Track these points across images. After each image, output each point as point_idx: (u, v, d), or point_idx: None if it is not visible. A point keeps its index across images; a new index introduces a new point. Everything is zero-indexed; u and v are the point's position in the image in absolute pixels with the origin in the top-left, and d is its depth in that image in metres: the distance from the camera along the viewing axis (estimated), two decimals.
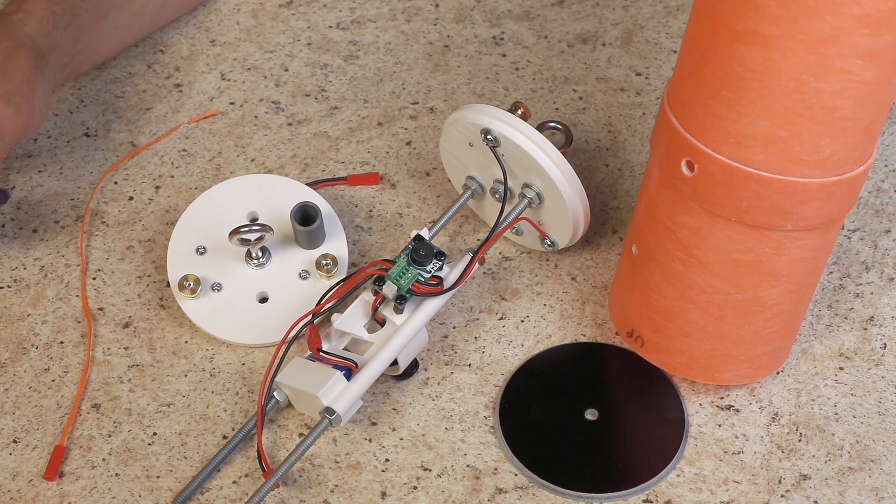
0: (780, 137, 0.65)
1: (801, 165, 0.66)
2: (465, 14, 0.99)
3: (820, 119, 0.64)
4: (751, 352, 0.75)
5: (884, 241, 0.86)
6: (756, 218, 0.68)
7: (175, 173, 0.90)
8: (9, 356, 0.81)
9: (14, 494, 0.76)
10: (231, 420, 0.78)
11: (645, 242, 0.74)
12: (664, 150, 0.70)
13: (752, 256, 0.70)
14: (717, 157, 0.67)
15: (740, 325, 0.73)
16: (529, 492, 0.75)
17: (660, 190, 0.72)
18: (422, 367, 0.80)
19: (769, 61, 0.63)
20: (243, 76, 0.96)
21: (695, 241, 0.71)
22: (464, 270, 0.77)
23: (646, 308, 0.76)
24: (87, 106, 0.94)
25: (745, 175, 0.66)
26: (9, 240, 0.87)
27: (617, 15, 0.99)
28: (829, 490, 0.75)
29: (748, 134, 0.65)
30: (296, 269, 0.83)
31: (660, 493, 0.75)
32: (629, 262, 0.76)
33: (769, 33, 0.62)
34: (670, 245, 0.72)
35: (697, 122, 0.67)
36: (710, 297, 0.72)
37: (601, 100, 0.94)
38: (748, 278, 0.71)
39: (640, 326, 0.77)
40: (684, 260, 0.72)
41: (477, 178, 0.84)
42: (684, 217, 0.71)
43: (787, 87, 0.63)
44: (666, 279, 0.73)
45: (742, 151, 0.66)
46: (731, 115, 0.65)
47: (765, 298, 0.72)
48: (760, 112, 0.64)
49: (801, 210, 0.68)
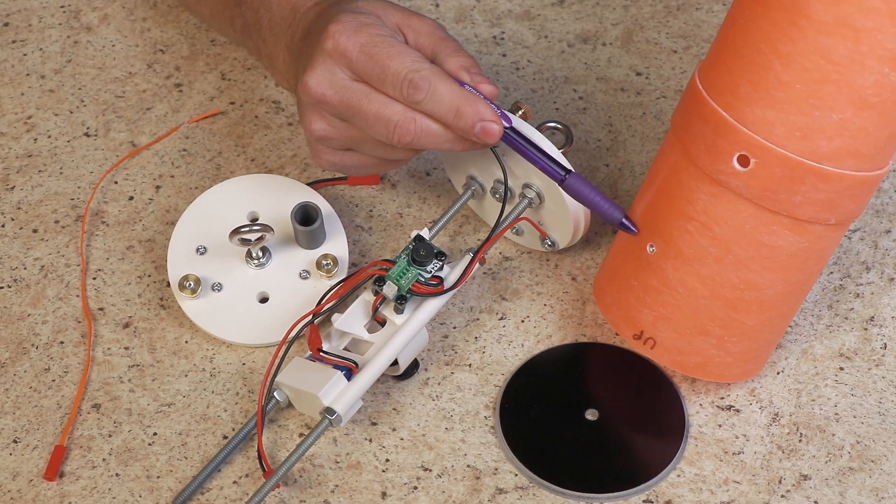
0: (848, 131, 0.65)
1: (860, 160, 0.66)
2: (465, 14, 0.99)
3: (890, 113, 0.64)
4: (764, 350, 0.76)
5: (884, 241, 0.86)
6: (806, 212, 0.68)
7: (175, 173, 0.90)
8: (9, 356, 0.81)
9: (14, 494, 0.76)
10: (231, 420, 0.78)
11: (669, 240, 0.73)
12: (709, 144, 0.69)
13: (792, 251, 0.70)
14: (779, 151, 0.66)
15: (764, 320, 0.74)
16: (530, 492, 0.75)
17: (696, 185, 0.71)
18: (422, 367, 0.80)
19: (856, 54, 0.63)
20: (244, 76, 0.96)
21: (735, 237, 0.70)
22: (464, 270, 0.77)
23: (661, 308, 0.74)
24: (87, 106, 0.94)
25: (807, 168, 0.66)
26: (9, 240, 0.87)
27: (617, 15, 0.99)
28: (830, 490, 0.75)
29: (817, 127, 0.65)
30: (296, 269, 0.83)
31: (660, 493, 0.75)
32: (639, 261, 0.75)
33: (861, 25, 0.62)
34: (706, 242, 0.71)
35: (758, 116, 0.66)
36: (740, 294, 0.72)
37: (601, 100, 0.94)
38: (781, 273, 0.71)
39: (652, 328, 0.75)
40: (720, 258, 0.71)
41: (477, 178, 0.84)
42: (726, 213, 0.70)
43: (869, 80, 0.63)
44: (695, 278, 0.72)
45: (808, 144, 0.66)
46: (804, 108, 0.65)
47: (793, 293, 0.73)
48: (835, 105, 0.64)
49: (848, 203, 0.68)
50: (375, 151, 0.77)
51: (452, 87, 0.74)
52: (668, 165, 0.73)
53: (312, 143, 0.79)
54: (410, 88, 0.73)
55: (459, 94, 0.74)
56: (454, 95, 0.74)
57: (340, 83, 0.75)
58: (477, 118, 0.74)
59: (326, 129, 0.77)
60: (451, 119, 0.74)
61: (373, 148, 0.77)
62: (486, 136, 0.74)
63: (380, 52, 0.74)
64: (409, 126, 0.74)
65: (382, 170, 0.81)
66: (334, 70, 0.75)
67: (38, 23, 0.99)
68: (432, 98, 0.73)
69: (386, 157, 0.78)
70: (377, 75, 0.74)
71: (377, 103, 0.74)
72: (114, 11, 0.99)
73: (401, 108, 0.74)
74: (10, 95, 0.94)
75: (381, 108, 0.74)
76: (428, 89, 0.73)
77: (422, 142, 0.75)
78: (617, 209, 0.75)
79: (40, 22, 0.99)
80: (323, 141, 0.78)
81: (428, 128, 0.74)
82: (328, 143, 0.78)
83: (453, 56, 0.77)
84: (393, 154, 0.78)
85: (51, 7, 1.00)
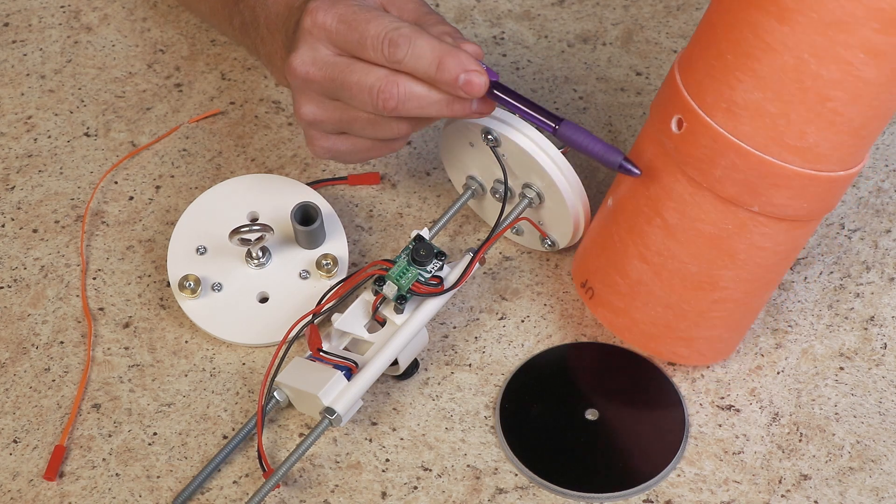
0: (768, 113, 0.65)
1: (783, 148, 0.66)
2: (466, 14, 0.99)
3: (811, 105, 0.64)
4: (691, 331, 0.75)
5: (884, 241, 0.86)
6: (727, 190, 0.68)
7: (175, 173, 0.90)
8: (9, 356, 0.81)
9: (14, 494, 0.76)
10: (231, 420, 0.78)
11: (620, 196, 0.74)
12: (662, 104, 0.71)
13: (714, 230, 0.70)
14: (706, 120, 0.67)
15: (687, 298, 0.73)
16: (530, 492, 0.75)
17: (646, 145, 0.72)
18: (422, 367, 0.80)
19: (778, 32, 0.63)
20: (244, 76, 0.96)
21: (665, 201, 0.71)
22: (464, 270, 0.77)
23: (603, 261, 0.76)
24: (87, 106, 0.94)
25: (727, 143, 0.67)
26: (9, 240, 0.87)
27: (617, 15, 0.99)
28: (830, 490, 0.75)
29: (740, 103, 0.66)
30: (296, 269, 0.83)
31: (660, 493, 0.75)
32: (602, 213, 0.77)
33: (785, 4, 0.62)
34: (642, 201, 0.72)
35: (697, 82, 0.68)
36: (664, 262, 0.72)
37: (601, 99, 0.94)
38: (705, 251, 0.71)
39: (594, 278, 0.77)
40: (650, 218, 0.72)
41: (477, 178, 0.84)
42: (662, 174, 0.71)
43: (788, 63, 0.63)
44: (630, 235, 0.73)
45: (730, 119, 0.66)
46: (730, 80, 0.66)
47: (716, 278, 0.72)
48: (757, 83, 0.65)
49: (772, 194, 0.68)
50: (366, 131, 0.77)
51: (433, 42, 0.73)
52: (642, 130, 0.74)
53: (305, 130, 0.78)
54: (391, 47, 0.72)
55: (441, 47, 0.73)
56: (435, 49, 0.72)
57: (323, 59, 0.74)
58: (460, 69, 0.72)
59: (316, 112, 0.76)
60: (435, 72, 0.72)
61: (363, 127, 0.76)
62: (470, 87, 0.73)
63: (357, 19, 0.73)
64: (391, 89, 0.73)
65: (377, 154, 0.80)
66: (317, 47, 0.74)
67: (38, 23, 0.99)
68: (413, 53, 0.72)
69: (377, 136, 0.77)
70: (357, 41, 0.73)
71: (359, 72, 0.74)
72: (114, 11, 0.99)
73: (383, 72, 0.73)
74: (10, 95, 0.95)
75: (362, 76, 0.73)
76: (408, 46, 0.72)
77: (407, 106, 0.74)
78: (615, 151, 0.72)
79: (40, 22, 0.99)
80: (315, 125, 0.77)
81: (412, 90, 0.73)
82: (320, 126, 0.77)
83: (436, 25, 0.76)
84: (384, 131, 0.76)
85: (51, 7, 1.00)
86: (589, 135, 0.73)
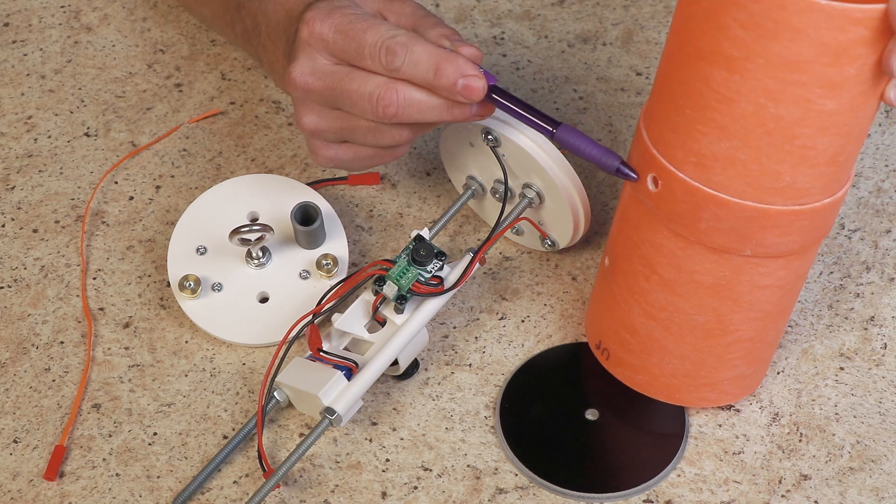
0: (739, 161, 0.63)
1: (761, 191, 0.64)
2: (466, 14, 0.99)
3: (779, 146, 0.62)
4: (712, 376, 0.74)
5: (884, 241, 0.86)
6: (715, 240, 0.67)
7: (175, 173, 0.90)
8: (9, 356, 0.81)
9: (14, 494, 0.76)
10: (231, 420, 0.78)
11: (615, 256, 0.74)
12: (635, 162, 0.69)
13: (712, 279, 0.69)
14: (679, 176, 0.66)
15: (700, 347, 0.73)
16: (530, 492, 0.75)
17: (629, 204, 0.71)
18: (422, 367, 0.80)
19: (730, 82, 0.61)
20: (244, 76, 0.96)
21: (657, 258, 0.70)
22: (464, 270, 0.77)
23: (611, 321, 0.75)
24: (87, 106, 0.94)
25: (705, 196, 0.65)
26: (9, 240, 0.87)
27: (617, 15, 0.99)
28: (830, 490, 0.75)
29: (709, 154, 0.64)
30: (296, 269, 0.83)
31: (660, 493, 0.75)
32: (602, 273, 0.76)
33: (731, 54, 0.61)
34: (636, 260, 0.71)
35: (664, 139, 0.66)
36: (670, 316, 0.72)
37: (601, 100, 0.94)
38: (708, 301, 0.70)
39: (607, 339, 0.76)
40: (648, 276, 0.71)
41: (477, 178, 0.84)
42: (649, 233, 0.70)
43: (747, 110, 0.62)
44: (631, 294, 0.73)
45: (703, 172, 0.65)
46: (694, 133, 0.64)
47: (725, 323, 0.71)
48: (721, 133, 0.63)
49: (761, 236, 0.66)
50: (367, 139, 0.77)
51: (430, 48, 0.73)
52: (624, 182, 0.73)
53: (308, 140, 0.78)
54: (388, 55, 0.72)
55: (438, 52, 0.73)
56: (432, 55, 0.72)
57: (322, 69, 0.74)
58: (458, 74, 0.72)
59: (317, 122, 0.77)
60: (433, 78, 0.72)
61: (364, 135, 0.76)
62: (469, 92, 0.72)
63: (354, 28, 0.73)
64: (391, 96, 0.73)
65: (380, 161, 0.80)
66: (315, 57, 0.75)
67: (38, 23, 0.99)
68: (411, 60, 0.72)
69: (379, 144, 0.77)
70: (355, 50, 0.73)
71: (358, 80, 0.74)
72: (114, 11, 0.99)
73: (382, 80, 0.73)
74: (10, 95, 0.95)
75: (362, 85, 0.73)
76: (405, 53, 0.72)
77: (407, 112, 0.74)
78: (613, 156, 0.71)
79: (40, 22, 0.99)
80: (317, 135, 0.77)
81: (411, 96, 0.73)
82: (322, 136, 0.77)
83: (434, 28, 0.76)
84: (386, 138, 0.76)
85: (51, 7, 1.00)
86: (586, 139, 0.72)
